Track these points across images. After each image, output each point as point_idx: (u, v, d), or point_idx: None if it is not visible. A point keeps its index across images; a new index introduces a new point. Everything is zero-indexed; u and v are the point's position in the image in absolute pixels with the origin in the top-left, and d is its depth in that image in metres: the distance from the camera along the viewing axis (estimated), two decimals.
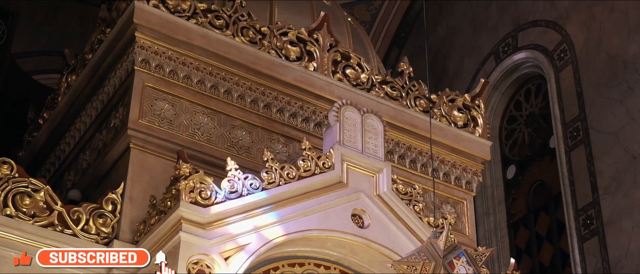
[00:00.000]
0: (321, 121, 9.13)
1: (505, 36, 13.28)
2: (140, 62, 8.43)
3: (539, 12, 12.78)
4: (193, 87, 8.63)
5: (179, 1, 8.81)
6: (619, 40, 11.27)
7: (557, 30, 12.31)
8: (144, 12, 8.53)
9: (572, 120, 11.60)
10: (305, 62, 9.27)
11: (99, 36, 9.45)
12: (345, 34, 10.52)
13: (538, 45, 12.58)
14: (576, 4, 12.13)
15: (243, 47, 8.94)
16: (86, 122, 9.19)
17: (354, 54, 9.71)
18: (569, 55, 11.96)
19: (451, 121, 10.01)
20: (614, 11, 11.48)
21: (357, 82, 9.54)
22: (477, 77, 13.13)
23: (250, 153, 8.67)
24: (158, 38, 8.57)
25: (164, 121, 8.35)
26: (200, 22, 8.83)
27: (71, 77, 9.92)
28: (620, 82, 11.03)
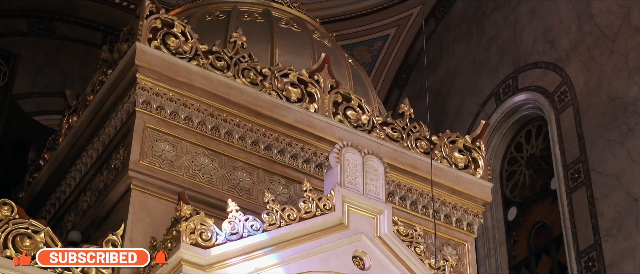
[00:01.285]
0: (322, 162, 9.12)
1: (506, 78, 13.31)
2: (142, 103, 8.45)
3: (539, 54, 12.83)
4: (194, 128, 8.64)
5: (181, 43, 8.85)
6: (619, 82, 11.29)
7: (557, 72, 12.35)
8: (145, 53, 8.56)
9: (573, 161, 11.59)
10: (306, 104, 9.29)
11: (100, 77, 9.47)
12: (346, 75, 10.55)
13: (538, 86, 12.61)
14: (576, 46, 12.17)
15: (244, 88, 8.96)
16: (87, 163, 9.18)
17: (354, 96, 9.73)
18: (570, 97, 11.98)
19: (452, 162, 10.01)
20: (613, 53, 11.53)
21: (358, 124, 9.55)
22: (478, 118, 13.16)
23: (251, 195, 8.66)
24: (159, 79, 8.59)
25: (165, 162, 8.35)
26: (202, 64, 8.86)
27: (72, 118, 9.93)
28: (620, 124, 11.04)
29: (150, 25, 8.76)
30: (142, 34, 8.64)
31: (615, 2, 11.75)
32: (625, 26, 11.46)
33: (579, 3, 12.36)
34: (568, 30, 12.41)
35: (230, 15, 10.74)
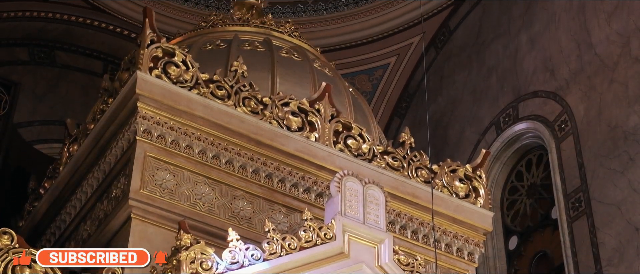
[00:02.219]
0: (323, 191, 9.11)
1: (506, 107, 13.33)
2: (142, 132, 8.45)
3: (539, 83, 12.85)
4: (194, 157, 8.63)
5: (182, 71, 8.86)
6: (619, 111, 11.30)
7: (557, 101, 12.36)
8: (146, 82, 8.57)
9: (573, 190, 11.58)
10: (306, 133, 9.29)
11: (101, 106, 9.48)
12: (346, 104, 10.57)
13: (539, 115, 12.62)
14: (576, 75, 12.20)
15: (245, 117, 8.97)
16: (87, 192, 9.17)
17: (355, 125, 9.73)
18: (570, 126, 11.98)
19: (453, 192, 10.00)
20: (613, 82, 11.55)
21: (358, 153, 9.54)
22: (478, 147, 13.16)
23: (252, 224, 8.64)
24: (160, 108, 8.60)
25: (165, 191, 8.34)
26: (202, 93, 8.87)
27: (73, 146, 9.93)
28: (621, 153, 11.04)
29: (151, 54, 8.78)
30: (143, 63, 8.66)
31: (614, 31, 11.78)
32: (625, 55, 11.49)
33: (579, 32, 12.40)
34: (568, 60, 12.44)
35: (231, 44, 10.77)
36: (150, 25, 8.91)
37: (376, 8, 16.47)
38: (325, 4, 16.78)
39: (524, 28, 13.59)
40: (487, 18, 14.60)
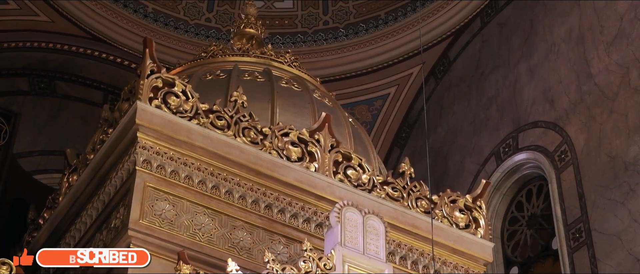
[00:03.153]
0: (322, 222, 9.09)
1: (506, 137, 13.33)
2: (142, 162, 8.44)
3: (539, 113, 12.86)
4: (194, 187, 8.62)
5: (181, 102, 8.87)
6: (619, 142, 11.30)
7: (557, 131, 12.37)
8: (146, 112, 8.58)
9: (574, 221, 11.55)
10: (306, 163, 9.29)
11: (101, 136, 9.48)
12: (346, 134, 10.57)
13: (539, 146, 12.62)
14: (576, 106, 12.21)
15: (244, 147, 8.96)
16: (87, 222, 9.15)
17: (355, 155, 9.73)
18: (570, 156, 11.98)
19: (453, 222, 9.98)
20: (613, 113, 11.55)
21: (358, 183, 9.53)
22: (478, 177, 13.15)
23: (251, 254, 8.62)
24: (160, 138, 8.60)
25: (165, 221, 8.32)
26: (202, 123, 8.87)
27: (72, 176, 9.92)
28: (621, 184, 11.02)
29: (151, 84, 8.79)
30: (143, 93, 8.67)
31: (614, 62, 11.81)
32: (625, 86, 11.51)
33: (578, 63, 12.43)
34: (567, 90, 12.45)
35: (230, 74, 10.79)
36: (151, 56, 8.93)
37: (376, 38, 16.52)
38: (324, 34, 16.84)
39: (523, 58, 13.62)
40: (487, 48, 14.64)
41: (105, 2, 16.05)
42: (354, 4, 16.94)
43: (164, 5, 16.75)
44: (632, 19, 11.75)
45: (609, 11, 12.20)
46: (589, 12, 12.57)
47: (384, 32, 16.50)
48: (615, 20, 12.01)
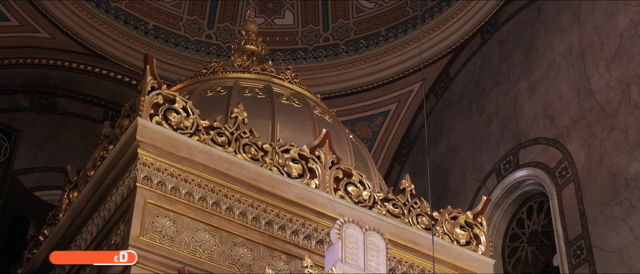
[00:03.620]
0: (323, 238, 9.07)
1: (506, 153, 13.33)
2: (142, 178, 8.43)
3: (539, 130, 12.86)
4: (195, 204, 8.61)
5: (182, 118, 8.87)
6: (619, 158, 11.29)
7: (558, 148, 12.36)
8: (147, 129, 8.58)
9: (575, 238, 11.53)
10: (307, 179, 9.28)
11: (101, 153, 9.48)
12: (346, 151, 10.56)
13: (539, 162, 12.61)
14: (576, 123, 12.21)
15: (245, 163, 8.96)
16: (87, 239, 9.13)
17: (355, 171, 9.72)
18: (571, 173, 11.97)
19: (453, 239, 9.96)
20: (614, 129, 11.55)
21: (359, 200, 9.52)
22: (479, 194, 13.14)
23: (252, 271, 8.59)
24: (160, 155, 8.59)
25: (165, 238, 8.30)
26: (203, 139, 8.87)
27: (73, 193, 9.91)
28: (622, 200, 11.01)
29: (152, 100, 8.79)
30: (143, 110, 8.67)
31: (614, 78, 11.82)
32: (625, 102, 11.51)
33: (579, 79, 12.43)
34: (568, 107, 12.46)
35: (231, 91, 10.79)
36: (151, 72, 8.94)
37: (376, 55, 16.55)
38: (325, 50, 16.87)
39: (523, 75, 13.63)
40: (487, 65, 14.66)
41: (106, 18, 16.09)
42: (354, 20, 16.98)
43: (164, 22, 16.79)
44: (632, 36, 11.76)
45: (609, 28, 12.22)
46: (589, 29, 12.59)
47: (384, 48, 16.54)
48: (616, 37, 12.03)
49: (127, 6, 16.47)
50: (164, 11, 16.86)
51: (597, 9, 12.54)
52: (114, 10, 16.24)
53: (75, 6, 15.66)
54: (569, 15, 13.10)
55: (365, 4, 17.04)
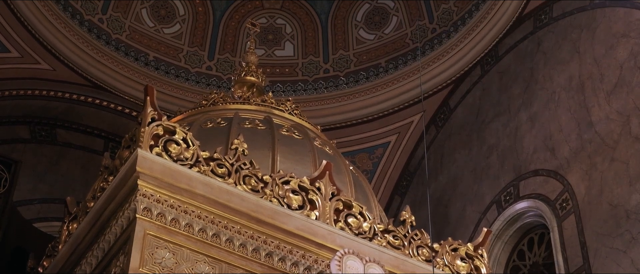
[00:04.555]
0: (323, 270, 9.03)
1: (507, 185, 13.31)
2: (142, 210, 8.41)
3: (539, 161, 12.85)
4: (194, 235, 8.58)
5: (182, 149, 8.86)
6: (620, 190, 11.28)
7: (558, 179, 12.35)
8: (147, 160, 8.57)
9: (576, 270, 11.49)
10: (307, 211, 9.26)
11: (101, 184, 9.46)
12: (347, 182, 10.55)
13: (540, 194, 12.59)
14: (577, 154, 12.20)
15: (245, 195, 8.94)
16: (86, 271, 9.10)
17: (356, 203, 9.70)
18: (571, 205, 11.95)
19: (454, 271, 9.92)
20: (614, 161, 11.54)
21: (359, 231, 9.49)
22: (479, 225, 13.11)
23: None
24: (160, 186, 8.58)
25: (165, 270, 8.26)
26: (203, 170, 8.85)
27: (72, 224, 9.89)
28: (623, 232, 10.98)
29: (152, 132, 8.79)
30: (143, 141, 8.67)
31: (614, 110, 11.83)
32: (625, 134, 11.51)
33: (579, 111, 12.45)
34: (568, 138, 12.46)
35: (231, 122, 10.80)
36: (152, 103, 8.94)
37: (376, 87, 16.59)
38: (325, 82, 16.90)
39: (523, 107, 13.65)
40: (487, 97, 14.68)
41: (107, 50, 16.14)
42: (354, 52, 17.04)
43: (165, 53, 16.85)
44: (632, 68, 11.79)
45: (608, 59, 12.25)
46: (588, 61, 12.62)
47: (384, 80, 16.57)
48: (615, 68, 12.06)
49: (128, 38, 16.53)
50: (165, 43, 16.92)
51: (597, 41, 12.59)
52: (115, 42, 16.30)
53: (76, 38, 15.72)
54: (569, 47, 13.14)
55: (366, 36, 17.11)
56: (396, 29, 16.91)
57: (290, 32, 17.46)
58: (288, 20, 17.48)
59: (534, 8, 14.16)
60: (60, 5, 15.58)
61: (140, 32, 16.72)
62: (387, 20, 17.00)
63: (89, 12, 16.09)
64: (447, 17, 16.07)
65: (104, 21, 16.29)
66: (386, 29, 17.00)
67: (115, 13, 16.47)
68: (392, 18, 16.96)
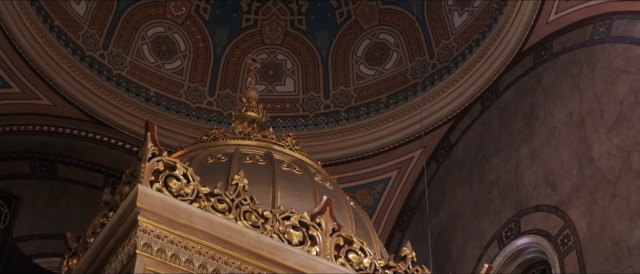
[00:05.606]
0: None
1: (508, 221, 13.28)
2: (142, 245, 8.38)
3: (540, 197, 12.83)
4: (195, 271, 8.54)
5: (183, 185, 8.85)
6: (622, 226, 11.25)
7: (559, 215, 12.32)
8: (147, 196, 8.54)
9: None
10: (307, 247, 9.22)
11: (101, 220, 9.44)
12: (347, 218, 10.52)
13: (541, 230, 12.56)
14: (578, 190, 12.18)
15: (245, 231, 8.91)
16: None
17: (356, 239, 9.67)
18: (573, 241, 11.91)
19: None
20: (615, 197, 11.52)
21: (360, 267, 9.45)
22: (481, 261, 13.06)
23: None
24: (160, 222, 8.55)
25: None
26: (203, 206, 8.83)
27: (72, 260, 9.84)
28: (625, 268, 10.94)
29: (152, 167, 8.78)
30: (144, 177, 8.65)
31: (615, 146, 11.83)
32: (626, 170, 11.50)
33: (579, 147, 12.44)
34: (569, 174, 12.44)
35: (232, 158, 10.79)
36: (152, 139, 8.94)
37: (377, 122, 16.60)
38: (326, 117, 16.92)
39: (524, 142, 13.65)
40: (488, 132, 14.69)
41: (108, 85, 16.18)
42: (355, 87, 17.07)
43: (166, 89, 16.88)
44: (632, 103, 11.80)
45: (609, 95, 12.27)
46: (589, 96, 12.64)
47: (384, 115, 16.59)
48: (616, 104, 12.07)
49: (129, 73, 16.57)
50: (166, 78, 16.96)
51: (597, 77, 12.61)
52: (116, 78, 16.34)
53: (77, 73, 15.76)
54: (569, 82, 13.17)
55: (366, 71, 17.15)
56: (397, 64, 16.96)
57: (291, 67, 17.51)
58: (289, 56, 17.53)
59: (533, 44, 14.21)
60: (61, 41, 15.64)
61: (141, 68, 16.77)
62: (388, 56, 17.05)
63: (90, 48, 16.15)
64: (447, 53, 16.12)
65: (105, 57, 16.35)
66: (387, 64, 17.04)
67: (116, 49, 16.54)
68: (392, 53, 17.02)
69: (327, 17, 17.38)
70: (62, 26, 15.72)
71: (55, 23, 15.57)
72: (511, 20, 14.63)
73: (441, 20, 16.38)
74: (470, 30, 15.80)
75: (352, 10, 17.27)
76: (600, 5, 12.79)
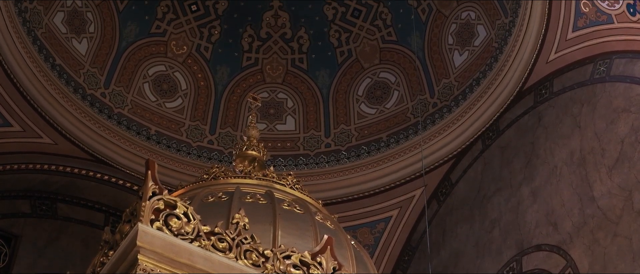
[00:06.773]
0: None
1: (510, 260, 13.23)
2: None
3: (542, 236, 12.79)
4: None
5: (183, 224, 8.82)
6: (624, 266, 11.20)
7: (561, 254, 12.28)
8: (147, 234, 8.52)
9: None
10: None
11: (101, 258, 9.40)
12: (348, 257, 10.49)
13: (543, 269, 12.51)
14: (579, 229, 12.15)
15: (246, 270, 8.87)
16: None
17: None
18: None
19: None
20: (617, 236, 11.49)
21: None
22: None
23: None
24: (161, 260, 8.51)
25: None
26: (204, 245, 8.80)
27: None
28: None
29: (153, 206, 8.76)
30: (144, 215, 8.63)
31: (616, 185, 11.81)
32: (628, 209, 11.48)
33: (581, 186, 12.43)
34: (571, 213, 12.42)
35: (232, 197, 10.77)
36: (153, 178, 8.93)
37: (377, 161, 16.59)
38: (326, 156, 16.91)
39: (525, 181, 13.63)
40: (489, 171, 14.67)
41: (109, 124, 16.19)
42: (355, 126, 17.09)
43: (167, 127, 16.89)
44: (633, 142, 11.80)
45: (609, 134, 12.28)
46: (590, 135, 12.64)
47: (385, 154, 16.58)
48: (617, 143, 12.07)
49: (130, 112, 16.59)
50: (167, 117, 16.98)
51: (598, 116, 12.63)
52: (117, 116, 16.36)
53: (78, 112, 15.78)
54: (570, 121, 13.18)
55: (367, 110, 17.18)
56: (397, 103, 16.99)
57: (292, 106, 17.53)
58: (289, 95, 17.57)
59: (534, 83, 14.23)
60: (63, 79, 15.68)
61: (142, 106, 16.79)
62: (389, 95, 17.09)
63: (92, 87, 16.19)
64: (448, 92, 16.16)
65: (106, 95, 16.38)
66: (387, 103, 17.07)
67: (117, 87, 16.58)
68: (393, 92, 17.06)
69: (328, 56, 17.44)
70: (64, 65, 15.77)
71: (57, 61, 15.62)
72: (511, 59, 14.67)
73: (442, 59, 16.43)
74: (470, 69, 15.85)
75: (353, 49, 17.34)
76: (600, 45, 12.84)
